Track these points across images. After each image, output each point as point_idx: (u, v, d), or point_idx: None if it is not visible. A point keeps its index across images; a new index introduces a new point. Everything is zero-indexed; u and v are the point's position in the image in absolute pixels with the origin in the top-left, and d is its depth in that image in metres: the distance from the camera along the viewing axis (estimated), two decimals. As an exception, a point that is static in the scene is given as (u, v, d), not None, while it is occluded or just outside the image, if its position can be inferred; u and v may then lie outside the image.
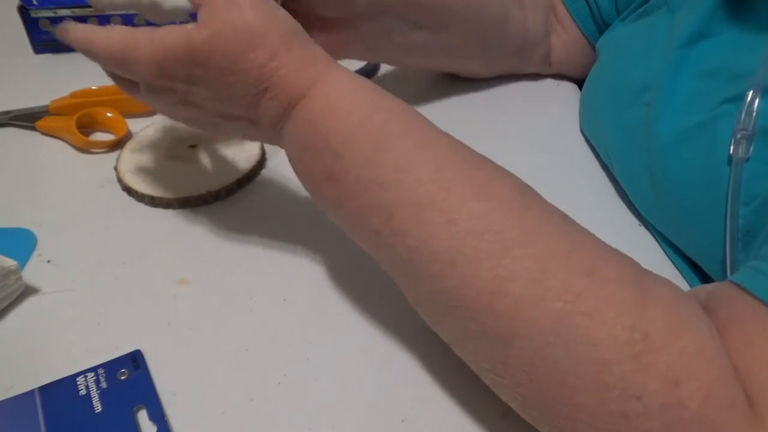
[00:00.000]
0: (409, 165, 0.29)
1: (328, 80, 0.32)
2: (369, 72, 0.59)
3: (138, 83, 0.36)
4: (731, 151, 0.34)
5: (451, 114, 0.55)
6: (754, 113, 0.34)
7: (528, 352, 0.26)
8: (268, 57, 0.32)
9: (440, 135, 0.31)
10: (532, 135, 0.52)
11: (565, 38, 0.57)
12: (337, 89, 0.32)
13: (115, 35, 0.34)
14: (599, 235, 0.29)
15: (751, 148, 0.33)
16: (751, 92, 0.34)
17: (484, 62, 0.56)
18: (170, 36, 0.32)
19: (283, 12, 0.34)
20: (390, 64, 0.56)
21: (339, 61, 0.34)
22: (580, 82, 0.59)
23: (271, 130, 0.34)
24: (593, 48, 0.56)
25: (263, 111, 0.33)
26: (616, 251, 0.29)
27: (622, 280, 0.26)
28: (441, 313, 0.29)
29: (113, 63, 0.35)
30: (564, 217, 0.30)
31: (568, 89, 0.59)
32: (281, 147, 0.35)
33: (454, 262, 0.27)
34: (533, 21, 0.55)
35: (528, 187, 0.31)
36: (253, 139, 0.38)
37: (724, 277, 0.35)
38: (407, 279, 0.30)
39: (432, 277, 0.28)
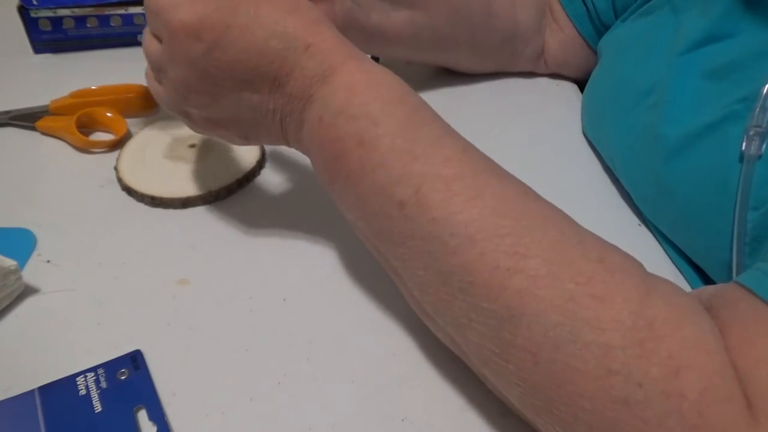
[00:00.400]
0: (440, 143, 0.31)
1: (365, 60, 0.33)
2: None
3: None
4: (743, 148, 0.34)
5: (451, 114, 0.54)
6: None
7: (536, 333, 0.26)
8: (313, 20, 0.33)
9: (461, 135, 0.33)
10: (531, 134, 0.52)
11: (561, 37, 0.57)
12: (375, 68, 0.33)
13: None
14: (599, 234, 0.30)
15: (764, 146, 0.33)
16: (766, 88, 0.34)
17: (474, 53, 0.56)
18: None
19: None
20: (378, 53, 0.55)
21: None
22: (578, 83, 0.59)
23: (300, 94, 0.33)
24: (590, 48, 0.56)
25: (300, 67, 0.33)
26: (620, 249, 0.29)
27: (628, 271, 0.27)
28: (451, 294, 0.29)
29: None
30: (565, 215, 0.30)
31: (568, 89, 0.59)
32: (292, 126, 0.35)
33: (475, 237, 0.28)
34: (523, 14, 0.55)
35: (531, 188, 0.31)
36: (262, 122, 0.36)
37: (728, 280, 0.35)
38: (420, 257, 0.30)
39: (450, 253, 0.28)
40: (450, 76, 0.59)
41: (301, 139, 0.35)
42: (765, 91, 0.34)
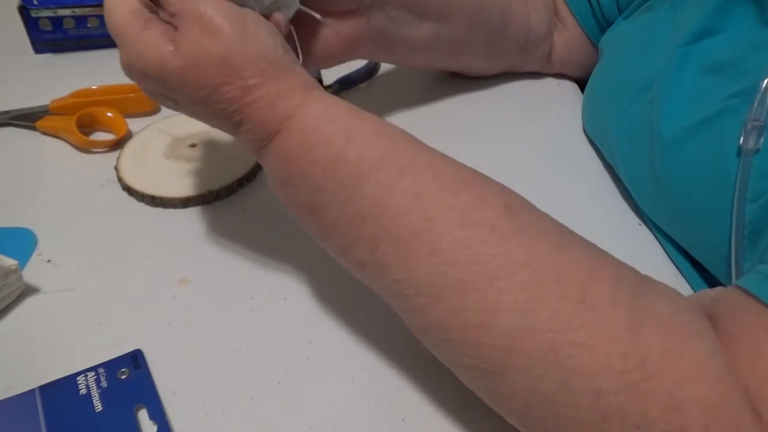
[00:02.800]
0: (388, 196, 0.29)
1: (306, 110, 0.31)
2: (369, 71, 0.59)
3: None
4: (741, 142, 0.34)
5: (451, 114, 0.55)
6: None
7: (522, 385, 0.25)
8: (241, 92, 0.31)
9: (422, 156, 0.30)
10: (532, 134, 0.52)
11: (567, 36, 0.57)
12: (314, 120, 0.31)
13: (124, 10, 0.33)
14: (599, 234, 0.29)
15: (762, 140, 0.33)
16: (765, 81, 0.34)
17: (488, 58, 0.56)
18: (149, 53, 0.31)
19: (264, 33, 0.32)
20: (399, 64, 0.56)
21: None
22: (580, 82, 0.59)
23: (256, 156, 0.34)
24: (594, 46, 0.56)
25: (242, 140, 0.33)
26: (611, 262, 0.28)
27: (615, 302, 0.25)
28: (432, 343, 0.29)
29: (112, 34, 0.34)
30: (556, 230, 0.29)
31: (569, 88, 0.59)
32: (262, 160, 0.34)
33: (440, 295, 0.27)
34: (536, 19, 0.55)
35: (518, 200, 0.30)
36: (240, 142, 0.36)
37: (728, 275, 0.35)
38: (398, 309, 0.30)
39: (419, 310, 0.28)
40: (451, 76, 0.59)
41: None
42: (764, 85, 0.34)
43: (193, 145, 0.49)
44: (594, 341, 0.24)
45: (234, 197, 0.46)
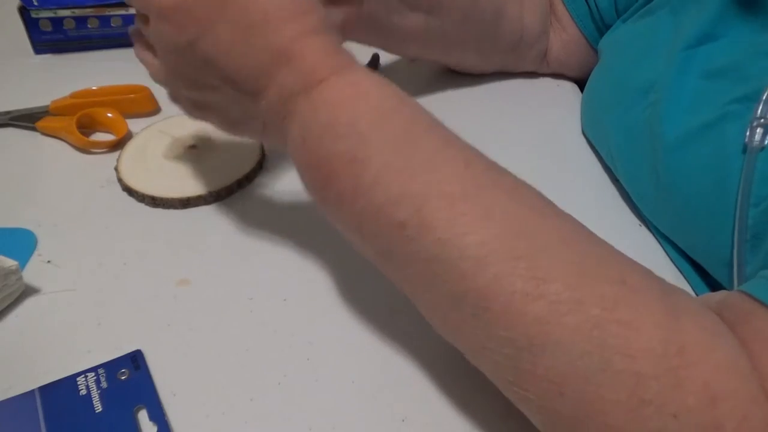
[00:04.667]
0: (440, 157, 0.28)
1: (355, 71, 0.31)
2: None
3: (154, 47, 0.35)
4: (746, 140, 0.34)
5: (451, 114, 0.54)
6: None
7: (561, 362, 0.24)
8: (304, 30, 0.31)
9: (461, 139, 0.31)
10: (531, 135, 0.52)
11: (564, 37, 0.57)
12: (366, 79, 0.31)
13: None
14: (599, 235, 0.29)
15: (767, 140, 0.33)
16: None
17: (480, 55, 0.57)
18: None
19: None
20: (390, 51, 0.56)
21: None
22: (578, 83, 0.59)
23: (278, 108, 0.32)
24: (592, 48, 0.56)
25: (278, 80, 0.31)
26: (636, 263, 0.28)
27: (651, 291, 0.25)
28: (463, 319, 0.27)
29: None
30: (583, 226, 0.29)
31: (568, 89, 0.59)
32: (275, 134, 0.33)
33: (487, 260, 0.25)
34: (530, 18, 0.56)
35: (546, 197, 0.30)
36: (248, 120, 0.35)
37: (730, 279, 0.35)
38: (427, 280, 0.28)
39: (460, 276, 0.26)
40: (450, 76, 0.59)
41: (286, 150, 0.33)
42: None
43: (193, 146, 0.49)
44: (638, 322, 0.24)
45: (234, 198, 0.46)
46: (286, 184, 0.47)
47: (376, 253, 0.30)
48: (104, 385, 0.32)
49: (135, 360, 0.34)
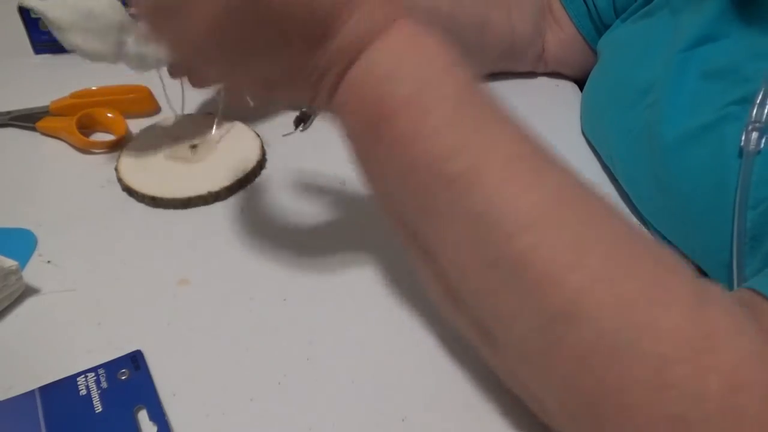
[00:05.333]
0: (500, 117, 0.28)
1: (419, 21, 0.30)
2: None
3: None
4: (742, 143, 0.34)
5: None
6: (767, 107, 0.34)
7: (590, 335, 0.24)
8: None
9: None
10: (532, 135, 0.52)
11: (562, 36, 0.57)
12: (426, 32, 0.30)
13: None
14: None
15: (762, 141, 0.33)
16: (765, 86, 0.34)
17: (470, 63, 0.56)
18: None
19: None
20: None
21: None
22: (577, 82, 0.59)
23: (347, 49, 0.29)
24: (590, 47, 0.56)
25: (356, 20, 0.29)
26: (667, 247, 0.28)
27: (683, 274, 0.25)
28: (497, 282, 0.26)
29: None
30: (619, 209, 0.29)
31: (568, 89, 0.59)
32: (328, 86, 0.30)
33: (534, 225, 0.25)
34: (520, 24, 0.55)
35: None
36: (296, 74, 0.31)
37: (729, 280, 0.35)
38: (467, 239, 0.27)
39: (503, 237, 0.26)
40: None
41: (334, 99, 0.31)
42: (763, 90, 0.34)
43: (193, 146, 0.49)
44: (669, 303, 0.24)
45: (234, 198, 0.46)
46: (286, 184, 0.47)
47: (414, 209, 0.29)
48: (104, 385, 0.32)
49: (135, 360, 0.34)
